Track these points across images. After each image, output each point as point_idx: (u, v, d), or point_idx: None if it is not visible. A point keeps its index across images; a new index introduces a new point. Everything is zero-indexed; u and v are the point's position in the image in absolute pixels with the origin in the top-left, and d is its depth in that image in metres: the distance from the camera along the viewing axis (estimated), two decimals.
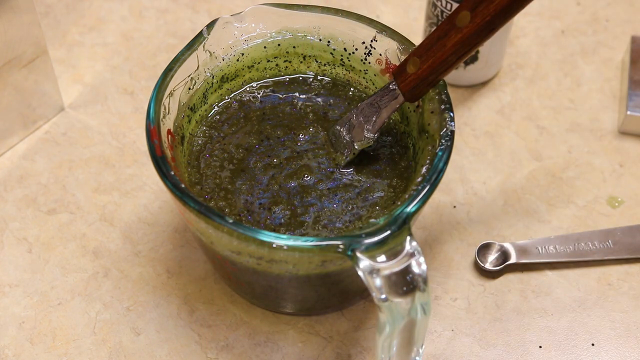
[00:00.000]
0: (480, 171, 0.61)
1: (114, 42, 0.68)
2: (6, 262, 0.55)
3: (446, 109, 0.48)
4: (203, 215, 0.43)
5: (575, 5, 0.72)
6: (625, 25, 0.70)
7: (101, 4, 0.71)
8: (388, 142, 0.52)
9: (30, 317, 0.53)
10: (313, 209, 0.49)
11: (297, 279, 0.47)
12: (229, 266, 0.48)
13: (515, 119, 0.64)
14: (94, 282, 0.54)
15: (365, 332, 0.53)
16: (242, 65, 0.54)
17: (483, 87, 0.66)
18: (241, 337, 0.52)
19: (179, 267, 0.55)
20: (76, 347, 0.52)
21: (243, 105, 0.54)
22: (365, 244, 0.42)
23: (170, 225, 0.57)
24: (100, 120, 0.63)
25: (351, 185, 0.50)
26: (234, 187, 0.50)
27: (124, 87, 0.65)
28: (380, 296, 0.41)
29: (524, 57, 0.68)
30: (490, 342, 0.52)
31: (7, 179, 0.59)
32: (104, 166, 0.60)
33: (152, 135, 0.46)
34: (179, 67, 0.49)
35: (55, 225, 0.57)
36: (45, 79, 0.61)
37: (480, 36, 0.44)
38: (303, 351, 0.52)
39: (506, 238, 0.57)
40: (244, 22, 0.52)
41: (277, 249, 0.42)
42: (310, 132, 0.52)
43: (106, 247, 0.56)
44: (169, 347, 0.52)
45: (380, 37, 0.52)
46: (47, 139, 0.62)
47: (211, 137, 0.52)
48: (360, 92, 0.55)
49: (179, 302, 0.54)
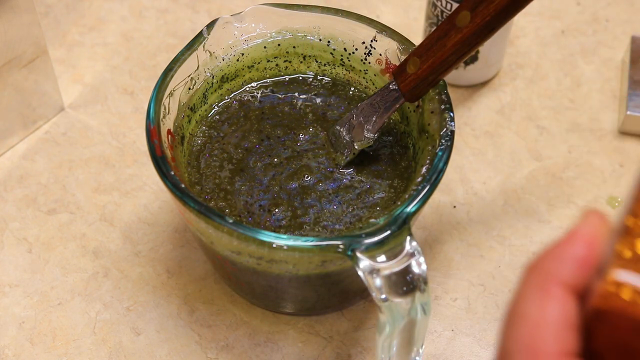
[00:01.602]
0: (480, 171, 0.61)
1: (114, 42, 0.68)
2: (6, 262, 0.55)
3: (446, 109, 0.48)
4: (203, 215, 0.43)
5: (575, 5, 0.72)
6: (625, 25, 0.70)
7: (101, 4, 0.71)
8: (388, 142, 0.52)
9: (30, 317, 0.53)
10: (313, 210, 0.49)
11: (297, 279, 0.47)
12: (229, 266, 0.48)
13: (515, 119, 0.64)
14: (94, 282, 0.54)
15: (365, 332, 0.53)
16: (242, 65, 0.54)
17: (483, 87, 0.66)
18: (241, 337, 0.52)
19: (179, 267, 0.55)
20: (76, 347, 0.52)
21: (243, 105, 0.54)
22: (365, 244, 0.42)
23: (170, 225, 0.57)
24: (100, 120, 0.63)
25: (351, 186, 0.50)
26: (234, 187, 0.50)
27: (124, 87, 0.65)
28: (380, 296, 0.41)
29: (524, 57, 0.68)
30: (490, 342, 0.52)
31: (7, 179, 0.59)
32: (104, 166, 0.60)
33: (152, 135, 0.46)
34: (179, 67, 0.49)
35: (55, 225, 0.57)
36: (45, 79, 0.61)
37: (480, 36, 0.44)
38: (303, 351, 0.52)
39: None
40: (244, 22, 0.52)
41: (277, 249, 0.42)
42: (310, 132, 0.52)
43: (106, 247, 0.56)
44: (169, 347, 0.52)
45: (380, 37, 0.52)
46: (47, 139, 0.62)
47: (211, 137, 0.52)
48: (360, 92, 0.55)
49: (179, 302, 0.54)
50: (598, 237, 0.28)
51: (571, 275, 0.27)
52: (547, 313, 0.27)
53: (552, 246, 0.28)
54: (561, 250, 0.28)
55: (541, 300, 0.27)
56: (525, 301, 0.28)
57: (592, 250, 0.28)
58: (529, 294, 0.28)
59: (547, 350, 0.26)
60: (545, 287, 0.27)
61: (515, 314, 0.28)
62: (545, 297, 0.27)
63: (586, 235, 0.28)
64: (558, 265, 0.28)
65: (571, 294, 0.27)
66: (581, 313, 0.27)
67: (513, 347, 0.27)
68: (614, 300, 0.26)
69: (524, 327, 0.27)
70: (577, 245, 0.28)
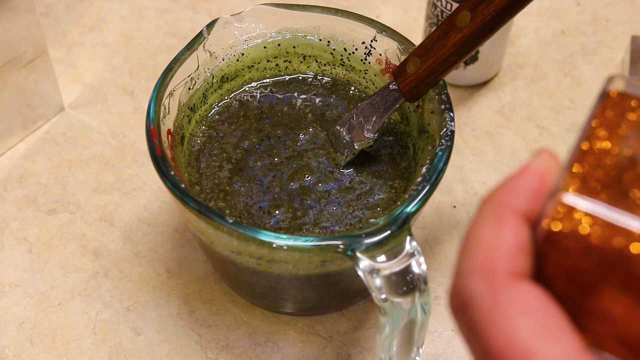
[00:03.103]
0: (480, 171, 0.61)
1: (114, 42, 0.68)
2: (6, 262, 0.55)
3: (446, 109, 0.48)
4: (203, 215, 0.43)
5: (575, 5, 0.72)
6: (625, 25, 0.70)
7: (101, 4, 0.71)
8: (388, 142, 0.52)
9: (30, 317, 0.53)
10: (313, 211, 0.49)
11: (297, 279, 0.47)
12: (229, 266, 0.48)
13: (515, 119, 0.64)
14: (94, 282, 0.54)
15: (365, 332, 0.53)
16: (242, 65, 0.54)
17: (483, 87, 0.66)
18: (241, 337, 0.52)
19: (179, 267, 0.55)
20: (76, 347, 0.52)
21: (243, 105, 0.54)
22: (365, 244, 0.42)
23: (170, 225, 0.57)
24: (100, 120, 0.63)
25: (351, 187, 0.50)
26: (233, 188, 0.50)
27: (124, 87, 0.65)
28: (381, 296, 0.41)
29: (524, 57, 0.68)
30: None
31: (7, 179, 0.59)
32: (104, 166, 0.60)
33: (152, 135, 0.46)
34: (179, 67, 0.49)
35: (55, 225, 0.57)
36: (45, 79, 0.61)
37: (480, 36, 0.44)
38: (303, 351, 0.52)
39: None
40: (244, 22, 0.52)
41: (277, 249, 0.42)
42: (310, 132, 0.52)
43: (106, 247, 0.56)
44: (169, 347, 0.52)
45: (380, 37, 0.52)
46: (47, 139, 0.62)
47: (211, 137, 0.52)
48: (360, 92, 0.55)
49: (179, 302, 0.54)
50: (550, 170, 0.30)
51: (525, 205, 0.29)
52: (500, 237, 0.28)
53: (506, 179, 0.30)
54: (515, 182, 0.29)
55: (495, 226, 0.29)
56: (480, 227, 0.29)
57: (544, 181, 0.29)
58: (484, 221, 0.29)
59: (500, 270, 0.28)
60: (500, 214, 0.29)
61: (470, 239, 0.29)
62: (499, 223, 0.29)
63: (539, 168, 0.30)
64: (512, 196, 0.29)
65: (524, 221, 0.29)
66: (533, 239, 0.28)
67: (468, 268, 0.29)
68: (563, 223, 0.27)
69: (479, 250, 0.29)
70: (529, 177, 0.29)
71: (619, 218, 0.27)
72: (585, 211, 0.27)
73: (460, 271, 0.29)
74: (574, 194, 0.27)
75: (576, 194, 0.27)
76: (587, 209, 0.27)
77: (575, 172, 0.28)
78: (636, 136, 0.29)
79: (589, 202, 0.27)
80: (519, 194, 0.29)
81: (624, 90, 0.30)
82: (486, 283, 0.28)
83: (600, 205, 0.27)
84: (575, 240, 0.27)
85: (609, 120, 0.30)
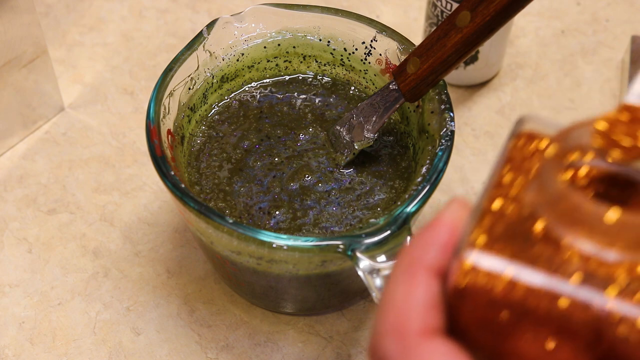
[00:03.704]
0: (480, 171, 0.61)
1: (114, 42, 0.68)
2: (6, 262, 0.55)
3: (446, 109, 0.48)
4: (203, 215, 0.43)
5: (575, 5, 0.72)
6: (625, 25, 0.70)
7: (101, 4, 0.71)
8: (388, 142, 0.52)
9: (30, 317, 0.53)
10: (313, 212, 0.49)
11: (297, 279, 0.47)
12: (229, 266, 0.48)
13: (516, 119, 0.64)
14: (94, 282, 0.54)
15: (365, 332, 0.53)
16: (242, 65, 0.54)
17: (483, 87, 0.66)
18: (241, 337, 0.52)
19: (179, 267, 0.55)
20: (76, 347, 0.52)
21: (243, 105, 0.54)
22: (366, 244, 0.42)
23: (170, 225, 0.57)
24: (100, 120, 0.63)
25: (352, 187, 0.50)
26: (233, 188, 0.50)
27: (124, 87, 0.65)
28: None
29: (524, 57, 0.68)
30: None
31: (7, 179, 0.59)
32: (104, 166, 0.60)
33: (152, 135, 0.46)
34: (179, 67, 0.49)
35: (55, 225, 0.57)
36: (45, 79, 0.61)
37: (480, 36, 0.44)
38: (303, 351, 0.52)
39: None
40: (244, 22, 0.52)
41: (277, 249, 0.42)
42: (310, 132, 0.52)
43: (106, 247, 0.56)
44: (169, 347, 0.52)
45: (380, 37, 0.52)
46: (47, 139, 0.62)
47: (211, 137, 0.52)
48: (360, 92, 0.55)
49: (179, 302, 0.54)
50: (459, 221, 0.30)
51: (435, 260, 0.29)
52: (412, 296, 0.29)
53: (419, 233, 0.30)
54: (426, 236, 0.30)
55: (407, 284, 0.29)
56: (394, 285, 0.30)
57: (453, 234, 0.30)
58: (398, 279, 0.30)
59: (412, 329, 0.28)
60: (412, 271, 0.29)
61: (385, 298, 0.30)
62: (411, 280, 0.29)
63: (448, 220, 0.30)
64: (423, 251, 0.30)
65: (435, 276, 0.29)
66: (445, 293, 0.29)
67: (382, 329, 0.29)
68: (468, 279, 0.28)
69: (392, 309, 0.29)
70: (440, 230, 0.30)
71: (520, 272, 0.27)
72: (487, 269, 0.28)
73: (375, 330, 0.30)
74: (477, 251, 0.28)
75: (479, 250, 0.28)
76: (489, 267, 0.28)
77: (481, 225, 0.28)
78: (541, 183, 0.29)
79: (491, 259, 0.28)
80: (429, 248, 0.30)
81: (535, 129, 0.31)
82: (398, 343, 0.29)
83: (502, 260, 0.28)
84: (480, 294, 0.28)
85: (517, 165, 0.30)
